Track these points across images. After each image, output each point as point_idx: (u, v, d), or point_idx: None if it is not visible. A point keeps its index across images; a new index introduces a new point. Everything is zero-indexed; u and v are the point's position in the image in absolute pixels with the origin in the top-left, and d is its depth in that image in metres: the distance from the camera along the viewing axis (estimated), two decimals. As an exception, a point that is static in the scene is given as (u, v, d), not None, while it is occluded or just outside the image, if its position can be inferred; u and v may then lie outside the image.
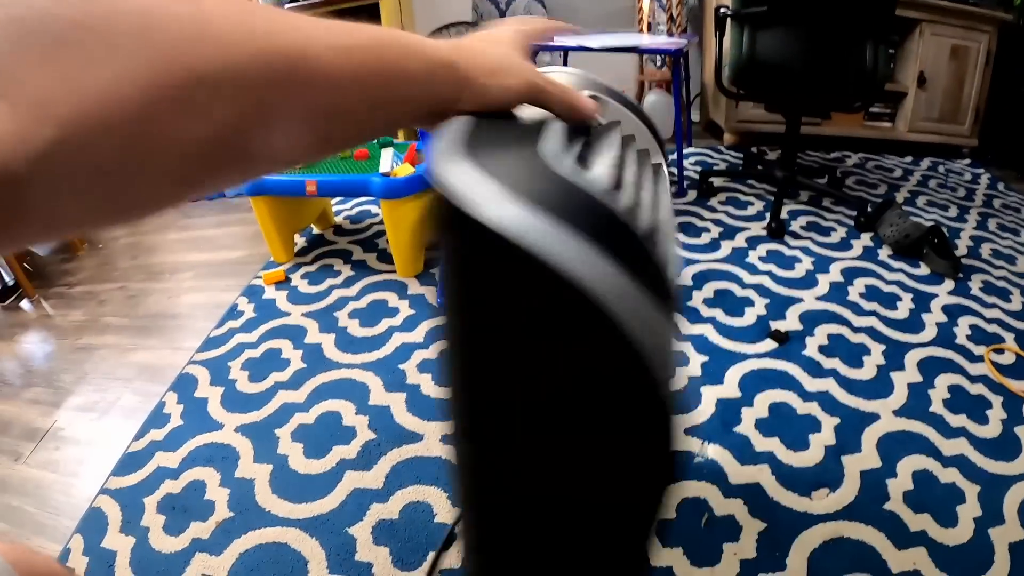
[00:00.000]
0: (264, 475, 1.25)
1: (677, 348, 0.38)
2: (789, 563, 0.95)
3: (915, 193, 2.38)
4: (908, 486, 1.07)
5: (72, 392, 1.70)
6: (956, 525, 1.00)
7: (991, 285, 1.71)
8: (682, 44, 2.26)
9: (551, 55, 3.34)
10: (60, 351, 1.94)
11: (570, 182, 0.27)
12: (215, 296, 2.06)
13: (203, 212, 2.90)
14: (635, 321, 0.25)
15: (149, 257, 2.53)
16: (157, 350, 1.84)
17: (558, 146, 0.31)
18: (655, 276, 0.27)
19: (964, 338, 1.48)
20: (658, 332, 0.26)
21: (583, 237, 0.24)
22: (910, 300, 1.64)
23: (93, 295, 2.26)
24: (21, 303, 2.31)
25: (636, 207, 0.31)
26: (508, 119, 0.37)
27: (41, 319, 2.19)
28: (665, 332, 0.27)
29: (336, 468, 1.23)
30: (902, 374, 1.35)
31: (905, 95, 2.76)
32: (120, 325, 2.02)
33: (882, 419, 1.23)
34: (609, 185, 0.31)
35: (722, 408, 1.28)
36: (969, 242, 1.97)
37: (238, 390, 1.51)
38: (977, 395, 1.29)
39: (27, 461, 1.45)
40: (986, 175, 2.59)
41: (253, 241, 2.45)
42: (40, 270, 2.55)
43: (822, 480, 1.08)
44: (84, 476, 1.37)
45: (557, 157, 0.29)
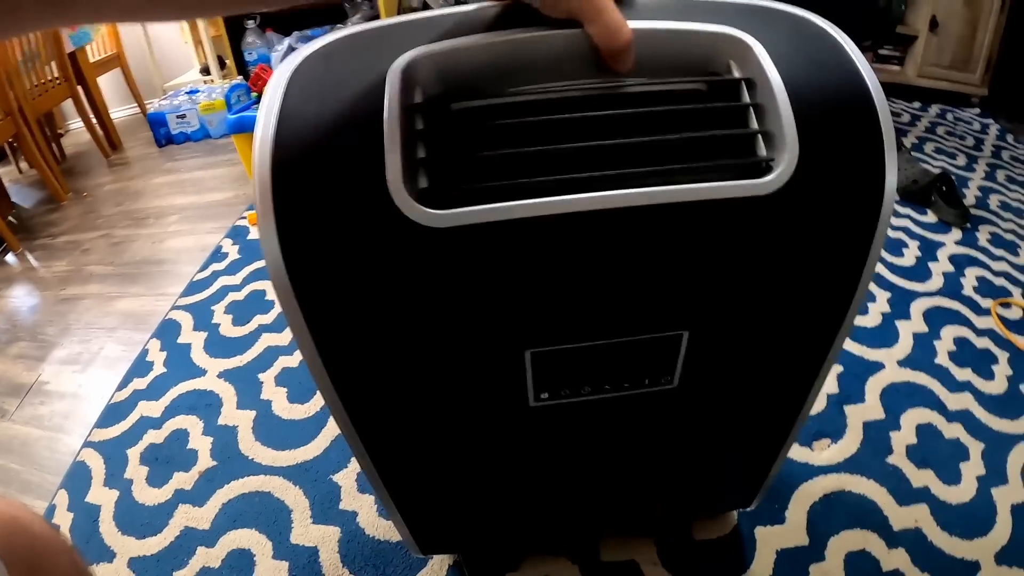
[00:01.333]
0: (247, 422, 1.21)
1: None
2: (788, 516, 0.92)
3: (923, 139, 2.30)
4: (912, 440, 1.04)
5: (56, 345, 1.66)
6: (959, 483, 0.97)
7: (999, 237, 1.66)
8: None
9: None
10: (44, 304, 1.91)
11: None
12: (201, 239, 2.01)
13: (189, 155, 2.84)
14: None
15: (134, 203, 2.47)
16: (141, 297, 1.80)
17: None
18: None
19: (971, 290, 1.43)
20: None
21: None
22: (916, 248, 1.58)
23: (77, 244, 2.21)
24: (6, 257, 2.26)
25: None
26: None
27: (25, 272, 2.15)
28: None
29: (320, 413, 1.20)
30: (907, 323, 1.31)
31: (916, 38, 2.65)
32: (104, 274, 1.98)
33: (886, 369, 1.18)
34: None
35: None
36: (977, 192, 1.91)
37: (222, 334, 1.47)
38: (983, 349, 1.25)
39: (12, 418, 1.42)
40: (995, 126, 2.50)
41: (239, 182, 2.39)
42: (24, 223, 2.50)
43: (824, 431, 1.05)
44: (69, 430, 1.35)
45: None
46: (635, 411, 0.55)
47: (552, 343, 0.46)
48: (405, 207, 0.38)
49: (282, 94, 0.41)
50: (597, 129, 0.42)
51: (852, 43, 0.48)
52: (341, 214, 0.39)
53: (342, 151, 0.39)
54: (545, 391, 0.50)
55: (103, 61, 3.28)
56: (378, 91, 0.40)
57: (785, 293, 0.48)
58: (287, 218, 0.39)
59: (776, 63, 0.44)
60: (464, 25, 0.45)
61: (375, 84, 0.41)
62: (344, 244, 0.40)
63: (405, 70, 0.41)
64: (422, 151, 0.40)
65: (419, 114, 0.41)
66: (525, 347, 0.46)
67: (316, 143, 0.40)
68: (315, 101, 0.41)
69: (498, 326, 0.45)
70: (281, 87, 0.42)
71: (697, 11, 0.48)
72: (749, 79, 0.45)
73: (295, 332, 0.44)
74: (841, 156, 0.44)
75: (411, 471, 0.60)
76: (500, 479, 0.62)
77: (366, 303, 0.42)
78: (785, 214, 0.43)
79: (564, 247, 0.41)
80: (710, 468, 0.70)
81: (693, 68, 0.47)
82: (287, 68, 0.43)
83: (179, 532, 1.02)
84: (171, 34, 3.68)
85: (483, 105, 0.43)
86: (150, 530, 1.03)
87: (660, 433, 0.60)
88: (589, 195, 0.40)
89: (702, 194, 0.41)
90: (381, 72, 0.41)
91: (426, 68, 0.42)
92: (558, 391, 0.50)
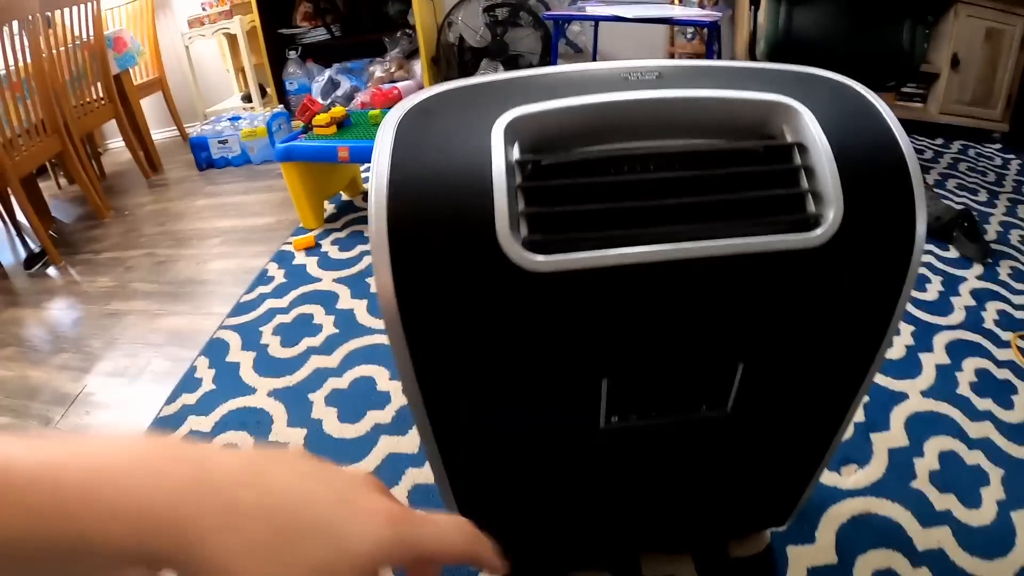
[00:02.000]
0: (299, 439, 1.27)
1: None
2: (818, 536, 0.96)
3: (945, 176, 2.36)
4: (935, 466, 1.08)
5: (101, 357, 1.71)
6: (980, 506, 1.01)
7: (1019, 272, 1.70)
8: (716, 16, 2.23)
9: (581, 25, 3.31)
10: (88, 317, 1.96)
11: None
12: (244, 262, 2.08)
13: (230, 179, 2.92)
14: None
15: (176, 224, 2.55)
16: (187, 315, 1.86)
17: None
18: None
19: (992, 323, 1.48)
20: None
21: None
22: (939, 283, 1.63)
23: (120, 261, 2.28)
24: (47, 270, 2.32)
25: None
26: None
27: (68, 285, 2.21)
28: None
29: (371, 432, 1.25)
30: (930, 355, 1.36)
31: (938, 76, 2.71)
32: (148, 291, 2.04)
33: (910, 399, 1.23)
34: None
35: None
36: (998, 227, 1.95)
37: (270, 355, 1.53)
38: (1004, 380, 1.29)
39: (58, 426, 1.47)
40: (1016, 161, 2.55)
41: (281, 208, 2.46)
42: (66, 237, 2.58)
43: (851, 457, 1.10)
44: None
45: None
46: (690, 435, 0.62)
47: (626, 372, 0.53)
48: (512, 254, 0.45)
49: (390, 145, 0.48)
50: (672, 186, 0.49)
51: (886, 106, 0.55)
52: (452, 257, 0.46)
53: (454, 202, 0.46)
54: (615, 415, 0.56)
55: (146, 84, 3.42)
56: (481, 148, 0.47)
57: (827, 330, 0.55)
58: (401, 258, 0.46)
59: (823, 127, 0.51)
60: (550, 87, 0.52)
61: (479, 141, 0.48)
62: (452, 284, 0.47)
63: (507, 129, 0.48)
64: (522, 204, 0.47)
65: (519, 169, 0.48)
66: (603, 375, 0.52)
67: (428, 194, 0.46)
68: (422, 153, 0.48)
69: (583, 356, 0.51)
70: (389, 139, 0.49)
71: (753, 78, 0.55)
72: (800, 144, 0.52)
73: (398, 358, 0.51)
74: (879, 211, 0.51)
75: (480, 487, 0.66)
76: (561, 496, 0.68)
77: (468, 337, 0.49)
78: (830, 263, 0.50)
79: (645, 290, 0.48)
80: (750, 488, 0.76)
81: (751, 131, 0.54)
82: (392, 121, 0.50)
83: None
84: (213, 61, 3.83)
85: (572, 161, 0.50)
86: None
87: (710, 455, 0.66)
88: (668, 247, 0.46)
89: (763, 246, 0.48)
90: (480, 128, 0.48)
91: (524, 126, 0.49)
92: (627, 415, 0.57)
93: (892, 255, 0.52)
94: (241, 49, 3.45)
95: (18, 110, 2.28)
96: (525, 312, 0.47)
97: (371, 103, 3.01)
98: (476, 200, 0.46)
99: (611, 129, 0.52)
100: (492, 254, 0.45)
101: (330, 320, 1.63)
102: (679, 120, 0.54)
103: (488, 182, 0.46)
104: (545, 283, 0.46)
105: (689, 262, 0.47)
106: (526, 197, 0.47)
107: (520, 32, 3.39)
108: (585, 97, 0.51)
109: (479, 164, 0.47)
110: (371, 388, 1.37)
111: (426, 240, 0.46)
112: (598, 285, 0.47)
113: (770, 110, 0.53)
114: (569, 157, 0.51)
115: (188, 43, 3.51)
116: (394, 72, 3.41)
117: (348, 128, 2.09)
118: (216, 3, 3.48)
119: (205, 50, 3.74)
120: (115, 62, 2.94)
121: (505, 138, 0.48)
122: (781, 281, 0.50)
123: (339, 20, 3.60)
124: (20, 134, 2.30)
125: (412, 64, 3.48)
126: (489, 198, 0.45)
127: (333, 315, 1.65)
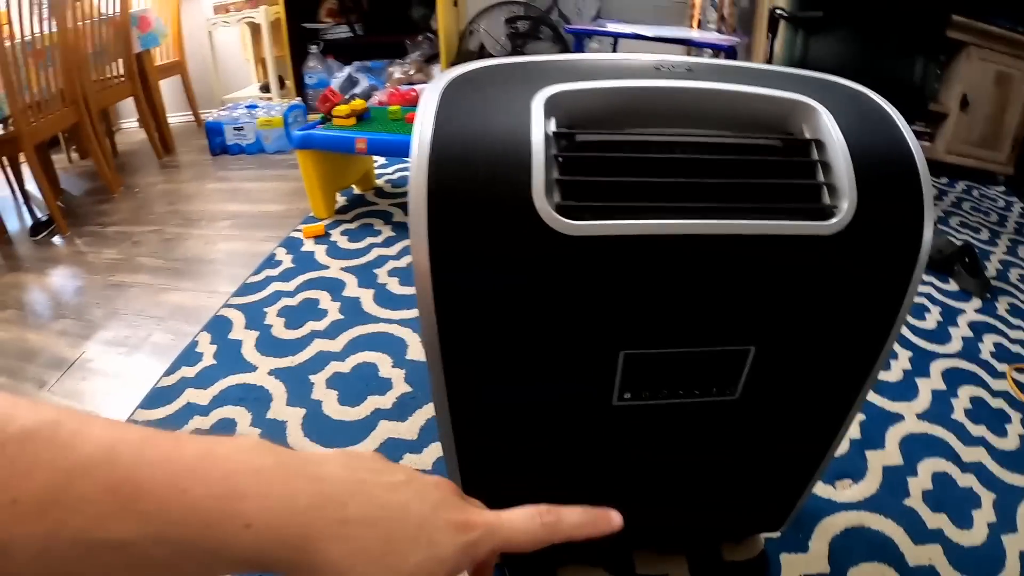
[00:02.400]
0: (297, 418, 1.27)
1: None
2: (811, 545, 0.97)
3: (948, 213, 2.39)
4: (927, 485, 1.10)
5: (102, 326, 1.72)
6: (971, 527, 1.03)
7: (1017, 308, 1.73)
8: (735, 41, 2.27)
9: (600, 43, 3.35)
10: (91, 286, 1.96)
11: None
12: (253, 246, 2.09)
13: (242, 166, 2.94)
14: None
15: (186, 204, 2.56)
16: (191, 292, 1.87)
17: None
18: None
19: (988, 354, 1.50)
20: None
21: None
22: (938, 313, 1.65)
23: (127, 235, 2.29)
24: (53, 239, 2.33)
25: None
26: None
27: (73, 255, 2.21)
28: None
29: (370, 416, 1.26)
30: (927, 380, 1.37)
31: (946, 116, 2.75)
32: (154, 266, 2.05)
33: (906, 420, 1.25)
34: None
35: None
36: (999, 265, 1.98)
37: (273, 335, 1.54)
38: (998, 409, 1.31)
39: (52, 389, 1.47)
40: (1020, 204, 2.59)
41: (292, 197, 2.48)
42: (74, 209, 2.58)
43: (847, 472, 1.11)
44: (109, 408, 1.39)
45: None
46: (698, 419, 0.63)
47: (644, 346, 0.54)
48: (547, 217, 0.47)
49: (435, 111, 0.50)
50: (697, 169, 0.51)
51: (901, 116, 0.58)
52: (489, 218, 0.48)
53: (494, 165, 0.48)
54: (628, 391, 0.58)
55: (166, 66, 3.45)
56: (521, 118, 0.49)
57: (836, 319, 0.57)
58: (439, 216, 0.48)
59: (840, 127, 0.53)
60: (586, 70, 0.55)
61: (519, 112, 0.50)
62: (488, 244, 0.48)
63: (546, 103, 0.50)
64: (556, 172, 0.49)
65: (555, 141, 0.50)
66: (621, 347, 0.54)
67: (469, 157, 0.48)
68: (465, 119, 0.50)
69: (604, 324, 0.53)
70: (433, 105, 0.51)
71: (777, 79, 0.58)
72: (818, 140, 0.54)
73: (423, 320, 0.52)
74: (890, 208, 0.53)
75: (488, 463, 0.67)
76: (566, 477, 0.69)
77: (496, 298, 0.51)
78: (843, 252, 0.52)
79: (667, 262, 0.50)
80: (749, 485, 0.77)
81: (773, 125, 0.57)
82: (436, 88, 0.52)
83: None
84: (234, 50, 3.86)
85: (605, 140, 0.52)
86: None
87: (715, 443, 0.68)
88: (692, 221, 0.48)
89: (781, 229, 0.50)
90: (521, 101, 0.51)
91: (561, 103, 0.51)
92: (640, 392, 0.58)
93: (900, 250, 0.54)
94: (264, 39, 3.48)
95: (39, 77, 2.30)
96: (555, 275, 0.49)
97: (388, 102, 3.04)
98: (514, 166, 0.47)
99: (642, 114, 0.54)
100: (528, 216, 0.47)
101: (336, 306, 1.64)
102: (707, 111, 0.56)
103: (527, 149, 0.48)
104: (575, 246, 0.47)
105: (710, 238, 0.49)
106: (561, 167, 0.49)
107: (540, 45, 3.44)
108: (620, 80, 0.53)
109: (519, 133, 0.49)
110: (373, 373, 1.38)
111: (465, 201, 0.48)
112: (624, 252, 0.48)
113: (792, 108, 0.56)
114: (602, 135, 0.53)
115: (212, 29, 3.55)
116: (413, 75, 3.45)
117: (367, 121, 2.11)
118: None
119: (228, 38, 3.78)
120: (138, 40, 2.97)
121: (545, 111, 0.50)
122: (795, 266, 0.52)
123: (362, 19, 3.65)
124: (39, 101, 2.32)
125: (431, 68, 3.52)
126: (527, 165, 0.47)
127: (339, 302, 1.67)
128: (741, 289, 0.52)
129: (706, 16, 3.18)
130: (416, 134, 0.49)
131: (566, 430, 0.63)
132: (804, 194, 0.53)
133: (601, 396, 0.58)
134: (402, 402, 1.30)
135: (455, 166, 0.48)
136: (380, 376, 1.38)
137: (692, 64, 0.60)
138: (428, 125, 0.49)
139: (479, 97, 0.52)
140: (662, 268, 0.50)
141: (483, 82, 0.54)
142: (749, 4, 3.16)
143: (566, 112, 0.52)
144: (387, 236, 2.04)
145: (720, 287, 0.52)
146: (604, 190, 0.49)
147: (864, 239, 0.52)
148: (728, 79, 0.57)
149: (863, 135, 0.54)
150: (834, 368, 0.62)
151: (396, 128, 2.01)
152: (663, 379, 0.57)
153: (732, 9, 3.08)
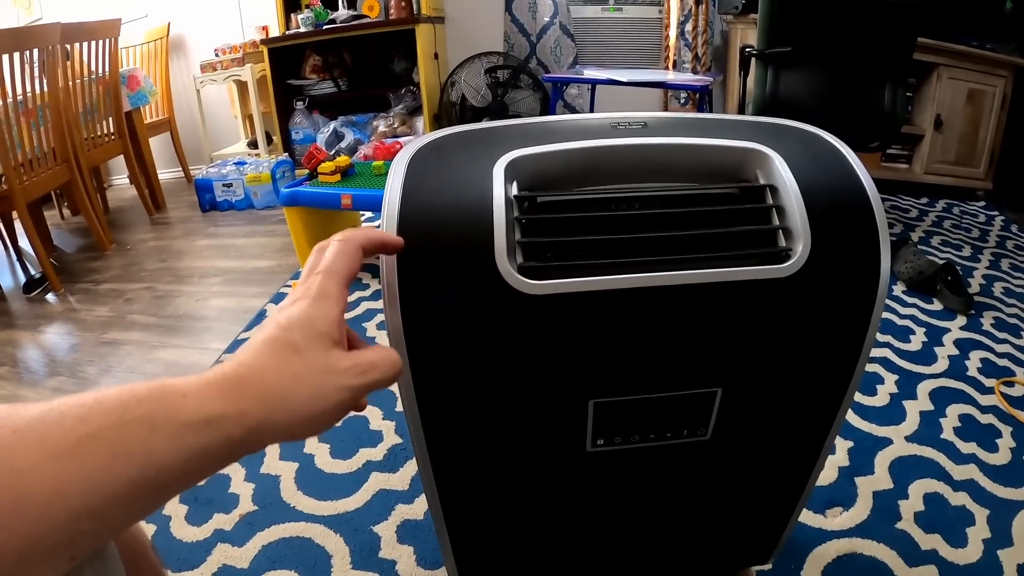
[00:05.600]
0: (290, 472, 1.28)
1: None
2: (804, 575, 0.98)
3: (930, 233, 2.43)
4: (919, 507, 1.10)
5: (96, 383, 1.71)
6: (966, 545, 1.03)
7: (1002, 322, 1.75)
8: (708, 81, 2.34)
9: (579, 88, 3.43)
10: (85, 344, 1.97)
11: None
12: (243, 302, 2.11)
13: (232, 222, 2.97)
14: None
15: (177, 261, 2.59)
16: (183, 349, 1.88)
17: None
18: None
19: (975, 371, 1.51)
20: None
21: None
22: (923, 334, 1.67)
23: (119, 293, 2.31)
24: (47, 296, 2.35)
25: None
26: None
27: (66, 312, 2.23)
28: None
29: (362, 469, 1.27)
30: (914, 403, 1.39)
31: (922, 137, 2.82)
32: (146, 323, 2.07)
33: (894, 444, 1.26)
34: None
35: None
36: (982, 280, 2.01)
37: (266, 390, 1.54)
38: (987, 424, 1.32)
39: None
40: (1000, 218, 2.63)
41: (282, 252, 2.51)
42: (66, 266, 2.61)
43: (836, 499, 1.12)
44: None
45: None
46: (673, 460, 0.65)
47: (612, 395, 0.56)
48: (510, 279, 0.49)
49: (403, 176, 0.53)
50: (654, 223, 0.53)
51: (853, 153, 0.61)
52: (455, 280, 0.50)
53: (458, 230, 0.50)
54: (601, 438, 0.60)
55: (156, 124, 3.52)
56: (484, 184, 0.52)
57: (801, 357, 0.59)
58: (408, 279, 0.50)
59: (793, 172, 0.56)
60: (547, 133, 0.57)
61: (482, 178, 0.52)
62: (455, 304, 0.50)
63: (507, 168, 0.53)
64: (518, 234, 0.51)
65: (517, 204, 0.52)
66: (590, 397, 0.56)
67: (435, 221, 0.51)
68: (431, 186, 0.53)
69: (571, 377, 0.55)
70: (402, 171, 0.54)
71: (730, 128, 0.61)
72: (772, 185, 0.57)
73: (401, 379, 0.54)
74: (844, 246, 0.56)
75: (471, 509, 0.68)
76: (548, 519, 0.71)
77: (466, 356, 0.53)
78: (800, 293, 0.54)
79: (629, 315, 0.52)
80: (732, 521, 0.78)
81: (729, 174, 0.60)
82: (405, 155, 0.55)
83: (217, 568, 1.06)
84: (222, 107, 3.94)
85: (565, 199, 0.55)
86: (187, 565, 1.07)
87: (691, 482, 0.69)
88: (651, 275, 0.51)
89: (738, 276, 0.52)
90: (484, 166, 0.53)
91: (522, 166, 0.54)
92: (612, 438, 0.60)
93: (858, 287, 0.56)
94: (250, 96, 3.55)
95: (31, 136, 2.35)
96: (520, 332, 0.51)
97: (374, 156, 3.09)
98: (478, 230, 0.50)
99: (600, 171, 0.57)
100: (491, 278, 0.49)
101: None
102: (662, 164, 0.59)
103: (489, 214, 0.50)
104: (538, 305, 0.50)
105: (669, 289, 0.51)
106: (522, 228, 0.52)
107: (520, 93, 3.52)
108: (577, 142, 0.56)
109: (482, 198, 0.51)
110: (364, 427, 1.39)
111: (432, 268, 0.50)
112: (586, 308, 0.51)
113: (745, 156, 0.59)
114: (562, 195, 0.56)
115: (199, 87, 3.62)
116: (397, 127, 3.51)
117: (352, 177, 2.15)
118: (229, 51, 3.60)
119: (215, 95, 3.86)
120: (127, 99, 3.04)
121: (505, 176, 0.53)
122: (754, 310, 0.54)
123: (346, 75, 3.74)
124: (31, 159, 2.36)
125: (415, 120, 3.59)
126: (490, 228, 0.50)
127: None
128: (703, 335, 0.54)
129: (681, 56, 3.27)
130: (384, 206, 0.52)
131: (544, 478, 0.64)
132: (760, 239, 0.56)
133: (575, 444, 0.60)
134: (393, 453, 1.31)
135: (422, 235, 0.50)
136: (371, 429, 1.38)
137: (649, 119, 0.63)
138: (396, 196, 0.51)
139: (444, 165, 0.54)
140: (624, 320, 0.52)
141: (448, 149, 0.56)
142: (722, 42, 3.25)
143: (528, 175, 0.55)
144: (375, 289, 2.05)
145: (682, 334, 0.54)
146: (565, 249, 0.52)
147: (821, 277, 0.54)
148: (683, 133, 0.60)
149: (815, 176, 0.57)
150: (804, 402, 0.64)
151: (381, 183, 2.04)
152: (634, 424, 0.59)
153: (706, 48, 3.17)
